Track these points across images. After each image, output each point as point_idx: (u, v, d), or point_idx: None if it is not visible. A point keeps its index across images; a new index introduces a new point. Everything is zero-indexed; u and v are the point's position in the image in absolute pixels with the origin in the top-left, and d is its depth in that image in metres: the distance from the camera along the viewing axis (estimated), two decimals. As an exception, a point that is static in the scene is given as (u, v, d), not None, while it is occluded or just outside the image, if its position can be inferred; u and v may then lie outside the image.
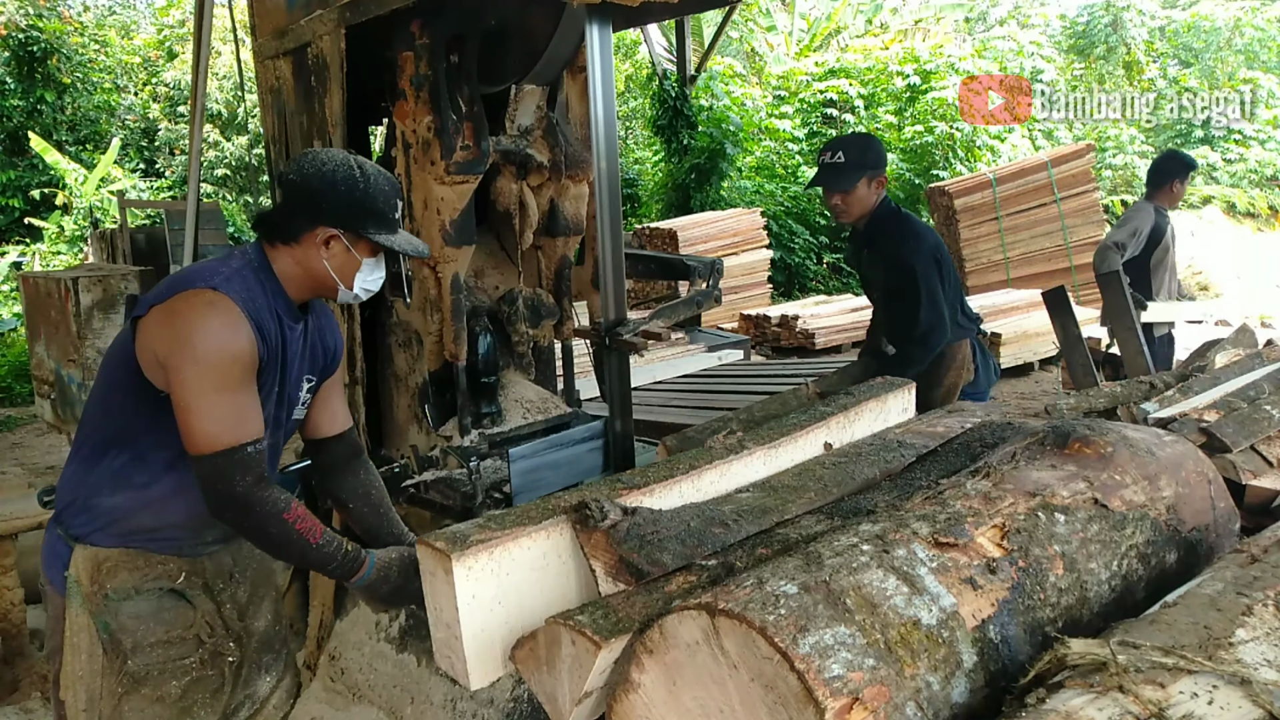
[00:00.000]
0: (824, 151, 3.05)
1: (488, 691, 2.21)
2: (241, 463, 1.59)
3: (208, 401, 1.58)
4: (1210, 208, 14.03)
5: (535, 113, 2.61)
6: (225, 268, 1.71)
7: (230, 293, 1.65)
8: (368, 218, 1.75)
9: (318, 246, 1.73)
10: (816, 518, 1.51)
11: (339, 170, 1.73)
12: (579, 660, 1.21)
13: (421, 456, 2.56)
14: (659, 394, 5.15)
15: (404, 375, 2.64)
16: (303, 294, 1.81)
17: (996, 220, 10.14)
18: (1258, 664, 1.09)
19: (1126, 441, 1.62)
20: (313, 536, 1.65)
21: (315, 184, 1.72)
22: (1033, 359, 7.80)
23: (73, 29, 13.99)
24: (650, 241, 9.61)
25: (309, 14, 2.47)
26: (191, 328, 1.60)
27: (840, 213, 3.06)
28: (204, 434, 1.58)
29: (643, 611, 1.23)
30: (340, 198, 1.72)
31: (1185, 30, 17.27)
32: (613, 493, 1.54)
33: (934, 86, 13.09)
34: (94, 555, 1.72)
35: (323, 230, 1.72)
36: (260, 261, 1.75)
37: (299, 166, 1.75)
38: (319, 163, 1.74)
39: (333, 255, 1.75)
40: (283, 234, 1.75)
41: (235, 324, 1.62)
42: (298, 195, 1.73)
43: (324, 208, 1.72)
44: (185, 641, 1.78)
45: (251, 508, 1.60)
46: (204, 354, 1.58)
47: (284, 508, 1.62)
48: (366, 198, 1.74)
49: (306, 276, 1.77)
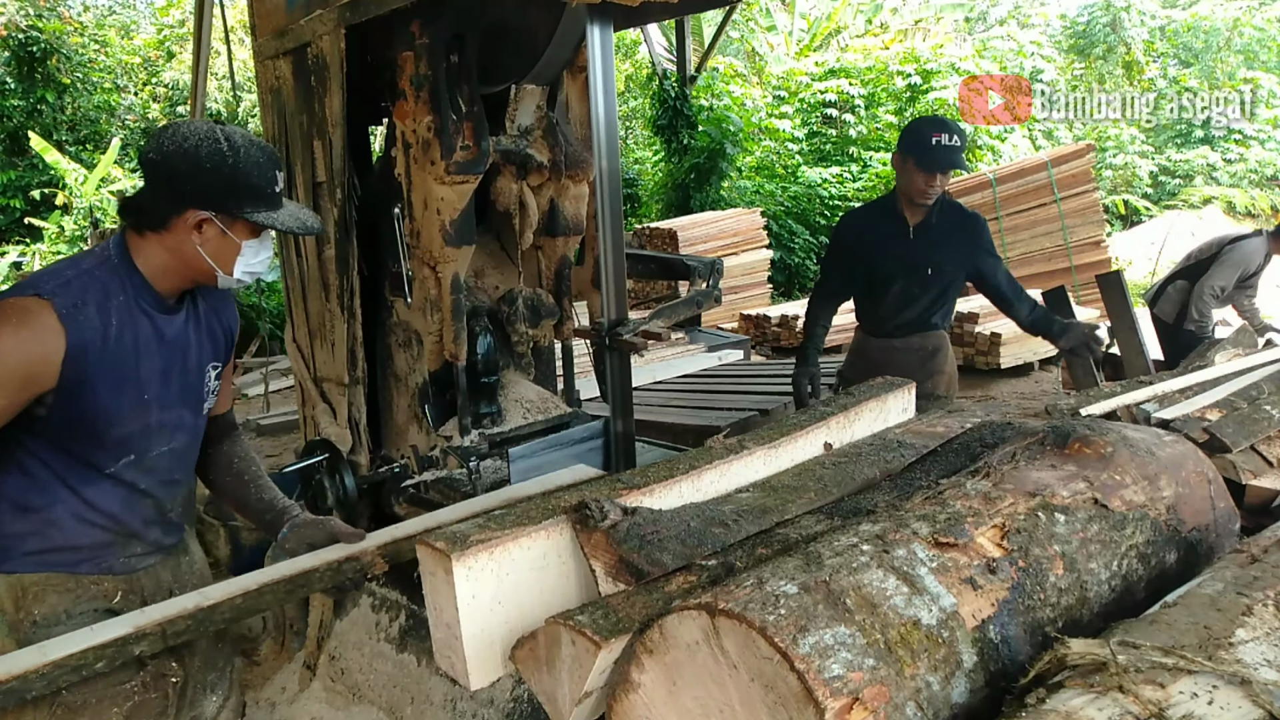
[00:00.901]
0: (936, 132, 3.06)
1: (488, 691, 2.21)
2: None
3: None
4: (1210, 208, 14.04)
5: (535, 113, 2.61)
6: (72, 269, 1.59)
7: (58, 299, 1.52)
8: (241, 196, 1.59)
9: (189, 231, 1.59)
10: (816, 518, 1.51)
11: (203, 145, 1.56)
12: (579, 660, 1.21)
13: (421, 456, 2.56)
14: (659, 394, 5.15)
15: (404, 375, 2.64)
16: (178, 283, 1.67)
17: (996, 220, 10.13)
18: (1258, 664, 1.09)
19: (1126, 441, 1.62)
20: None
21: (177, 163, 1.55)
22: (1033, 359, 7.80)
23: (73, 29, 13.99)
24: (650, 241, 9.61)
25: (309, 14, 2.47)
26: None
27: (934, 194, 3.10)
28: None
29: (643, 611, 1.23)
30: (207, 176, 1.56)
31: (1185, 30, 17.27)
32: (613, 493, 1.54)
33: (934, 86, 13.10)
34: (16, 582, 1.63)
35: (192, 214, 1.57)
36: (120, 256, 1.61)
37: (158, 144, 1.58)
38: (180, 138, 1.57)
39: (207, 240, 1.60)
40: (149, 220, 1.60)
41: (27, 334, 1.50)
42: (160, 176, 1.58)
43: (189, 189, 1.56)
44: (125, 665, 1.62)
45: None
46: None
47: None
48: (237, 173, 1.58)
49: (180, 265, 1.62)
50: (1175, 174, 15.80)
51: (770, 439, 1.84)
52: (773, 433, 1.89)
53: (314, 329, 2.75)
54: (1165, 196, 15.48)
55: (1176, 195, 15.21)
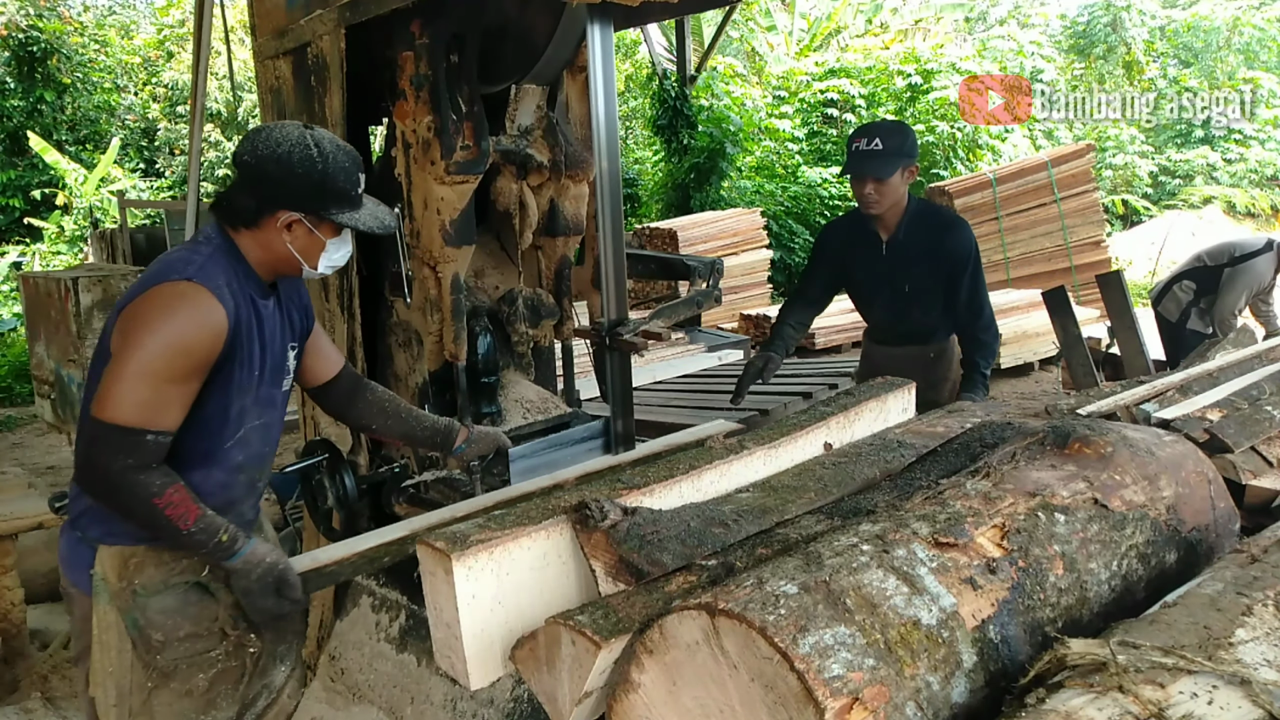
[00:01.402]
0: (857, 138, 2.92)
1: (488, 691, 2.21)
2: (132, 444, 1.56)
3: (138, 378, 1.56)
4: (1210, 207, 14.04)
5: (535, 113, 2.61)
6: (197, 256, 1.68)
7: (205, 282, 1.63)
8: (328, 199, 1.71)
9: (279, 230, 1.71)
10: (816, 518, 1.51)
11: (295, 151, 1.67)
12: (579, 660, 1.21)
13: (421, 456, 2.56)
14: (659, 394, 5.15)
15: (404, 375, 2.64)
16: (269, 274, 1.79)
17: (996, 220, 10.13)
18: (1258, 664, 1.09)
19: (1126, 441, 1.62)
20: (184, 524, 1.61)
21: (270, 168, 1.67)
22: (1033, 359, 7.81)
23: (73, 29, 14.00)
24: (650, 241, 9.61)
25: (309, 14, 2.47)
26: (156, 315, 1.59)
27: (872, 203, 2.93)
28: (115, 402, 1.55)
29: (643, 611, 1.23)
30: (299, 181, 1.68)
31: (1185, 30, 17.27)
32: (613, 492, 1.54)
33: (934, 86, 13.09)
34: (119, 553, 1.71)
35: (284, 215, 1.70)
36: (227, 245, 1.73)
37: (253, 147, 1.69)
38: (274, 143, 1.68)
39: (296, 238, 1.73)
40: (243, 218, 1.72)
41: (202, 316, 1.61)
42: (254, 179, 1.70)
43: (283, 192, 1.68)
44: (211, 635, 1.79)
45: (119, 488, 1.58)
46: (157, 339, 1.57)
47: (155, 493, 1.58)
48: (326, 178, 1.70)
49: (271, 258, 1.75)
50: (1175, 174, 15.80)
51: (770, 439, 1.84)
52: (773, 433, 1.89)
53: (314, 329, 2.75)
54: (1165, 196, 15.49)
55: (1176, 195, 15.21)
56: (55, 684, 3.19)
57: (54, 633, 3.54)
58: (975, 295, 2.98)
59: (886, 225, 3.02)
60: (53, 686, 3.18)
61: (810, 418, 1.98)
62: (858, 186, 2.93)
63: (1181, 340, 4.79)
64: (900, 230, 2.99)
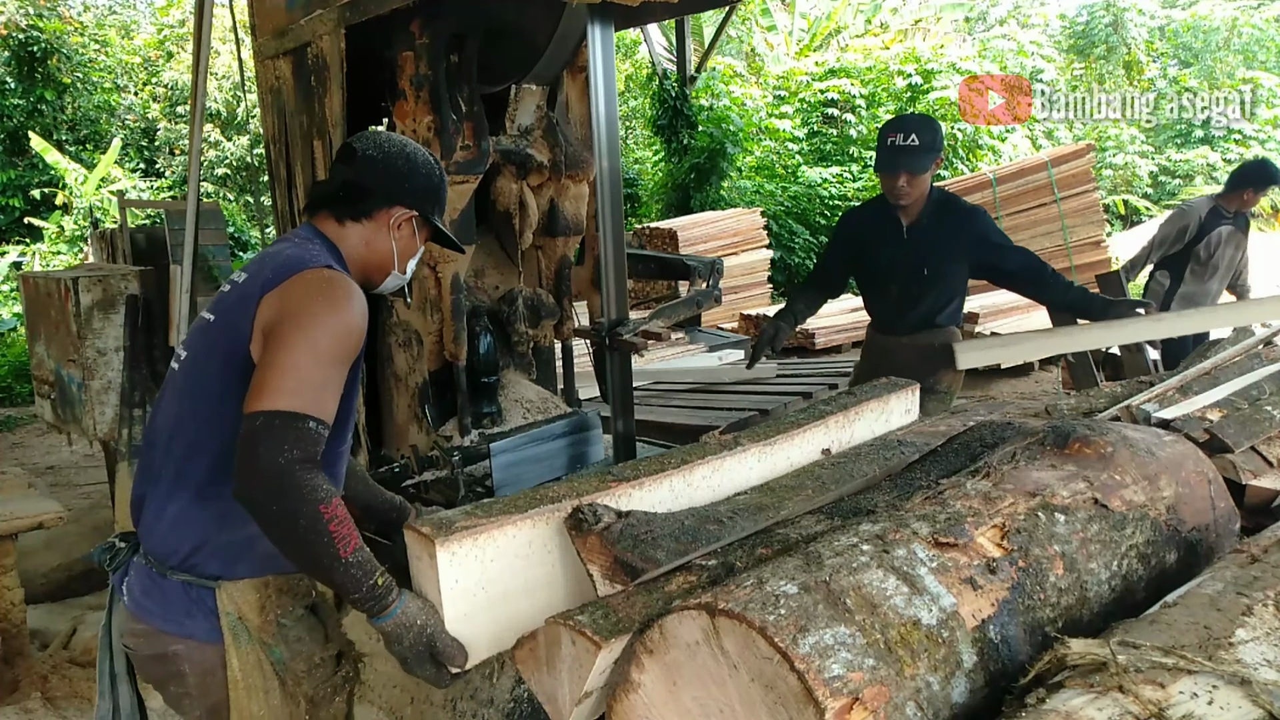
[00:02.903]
0: (891, 133, 3.02)
1: (488, 691, 2.21)
2: (299, 432, 1.37)
3: (301, 365, 1.42)
4: (1210, 208, 14.03)
5: (535, 113, 2.61)
6: (315, 250, 1.61)
7: (343, 270, 1.60)
8: (437, 204, 1.77)
9: (390, 227, 1.71)
10: (816, 517, 1.51)
11: (418, 154, 1.74)
12: (579, 660, 1.21)
13: (421, 456, 2.56)
14: (659, 394, 5.15)
15: (404, 375, 2.64)
16: (359, 277, 1.71)
17: (997, 220, 10.12)
18: (1258, 664, 1.09)
19: (1126, 441, 1.62)
20: (345, 548, 1.38)
21: (399, 163, 1.70)
22: (1033, 359, 7.79)
23: (73, 29, 13.99)
24: (650, 241, 9.61)
25: (309, 14, 2.47)
26: (314, 297, 1.49)
27: (903, 195, 3.04)
28: (277, 390, 1.38)
29: (642, 611, 1.23)
30: (422, 179, 1.72)
31: (1185, 30, 17.26)
32: (602, 484, 1.54)
33: (934, 86, 13.09)
34: (253, 586, 1.57)
35: (400, 210, 1.71)
36: (330, 245, 1.68)
37: (377, 144, 1.72)
38: (399, 143, 1.73)
39: (401, 236, 1.73)
40: (355, 210, 1.69)
41: (356, 301, 1.54)
42: (378, 172, 1.69)
43: (406, 188, 1.70)
44: (333, 658, 1.67)
45: (287, 486, 1.35)
46: (328, 323, 1.46)
47: (324, 498, 1.37)
48: (441, 184, 1.77)
49: (368, 256, 1.72)
50: (1175, 174, 15.80)
51: (765, 436, 1.84)
52: (768, 430, 1.88)
53: (314, 329, 2.74)
54: (1165, 196, 15.49)
55: (1176, 195, 15.21)
56: (55, 684, 3.19)
57: (54, 633, 3.54)
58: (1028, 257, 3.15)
59: (909, 213, 3.13)
60: (53, 686, 3.18)
61: (808, 416, 1.98)
62: (890, 180, 3.03)
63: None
64: (924, 216, 3.11)
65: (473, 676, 2.27)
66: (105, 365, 3.73)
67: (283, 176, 2.76)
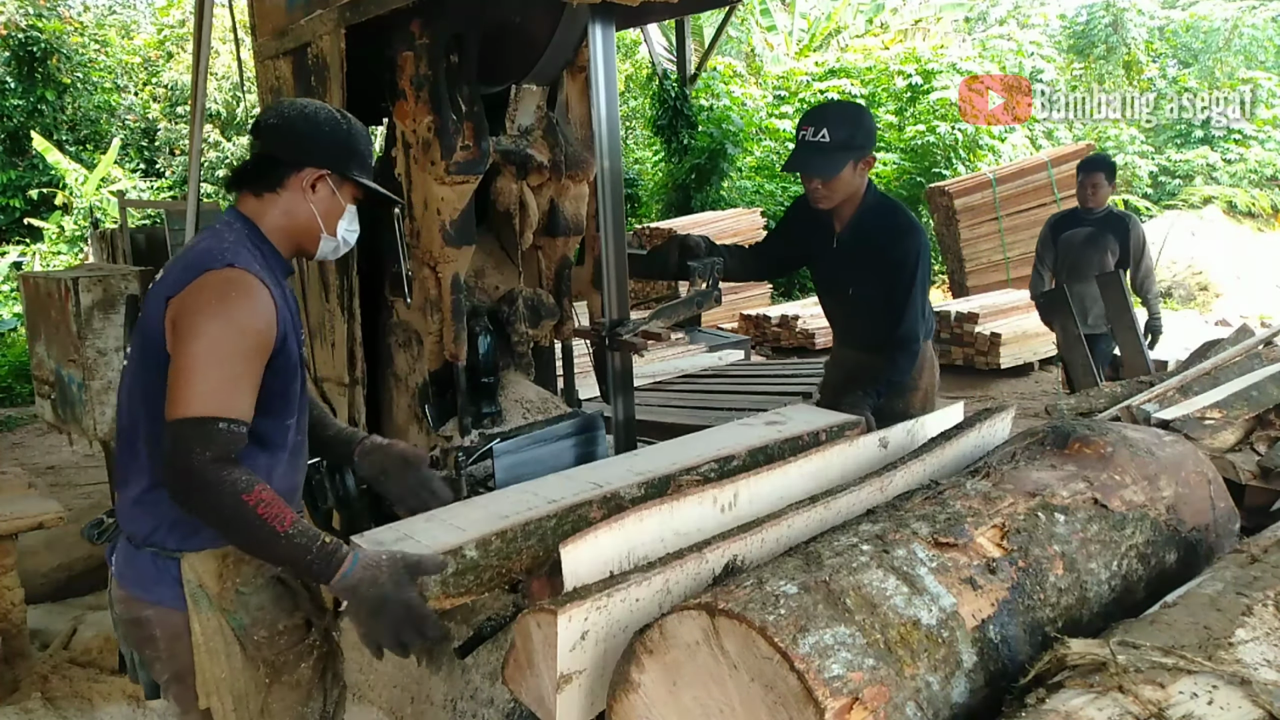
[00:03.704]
0: (804, 125, 2.60)
1: (488, 691, 2.21)
2: (207, 435, 1.47)
3: (206, 370, 1.51)
4: (1210, 208, 14.03)
5: (535, 113, 2.61)
6: (226, 243, 1.64)
7: (246, 267, 1.60)
8: (352, 158, 1.75)
9: (304, 190, 1.71)
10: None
11: (321, 112, 1.74)
12: (548, 641, 1.21)
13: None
14: (659, 394, 5.16)
15: (404, 375, 2.64)
16: (289, 248, 1.77)
17: (996, 220, 10.13)
18: (1258, 664, 1.09)
19: (1126, 441, 1.62)
20: (280, 524, 1.48)
21: (300, 125, 1.71)
22: (1033, 359, 7.80)
23: (73, 29, 13.98)
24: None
25: (309, 14, 2.47)
26: (209, 302, 1.55)
27: (820, 199, 2.66)
28: (185, 399, 1.48)
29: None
30: (326, 137, 1.71)
31: (1184, 30, 17.25)
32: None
33: (935, 86, 13.09)
34: (212, 556, 1.65)
35: (309, 171, 1.71)
36: (249, 227, 1.71)
37: (279, 111, 1.75)
38: (299, 106, 1.74)
39: (319, 199, 1.73)
40: (266, 182, 1.71)
41: (255, 300, 1.58)
42: (281, 138, 1.71)
43: (310, 147, 1.70)
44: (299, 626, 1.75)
45: (206, 485, 1.46)
46: (223, 326, 1.53)
47: (244, 489, 1.47)
48: (350, 138, 1.74)
49: (291, 226, 1.74)
50: (1175, 174, 15.78)
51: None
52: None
53: (314, 329, 2.75)
54: (1165, 196, 15.47)
55: (1176, 195, 15.19)
56: (55, 684, 3.19)
57: (54, 633, 3.54)
58: (902, 306, 2.65)
59: (841, 218, 2.76)
60: (53, 686, 3.17)
61: None
62: (805, 180, 2.67)
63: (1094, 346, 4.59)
64: (852, 226, 2.73)
65: (473, 676, 2.27)
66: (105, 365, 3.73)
67: (283, 176, 2.76)
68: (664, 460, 2.07)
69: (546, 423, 2.55)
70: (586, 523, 1.82)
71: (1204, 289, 11.64)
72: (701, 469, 2.04)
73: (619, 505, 1.88)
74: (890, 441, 2.06)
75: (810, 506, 1.55)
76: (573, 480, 1.99)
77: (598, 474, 2.01)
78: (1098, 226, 4.74)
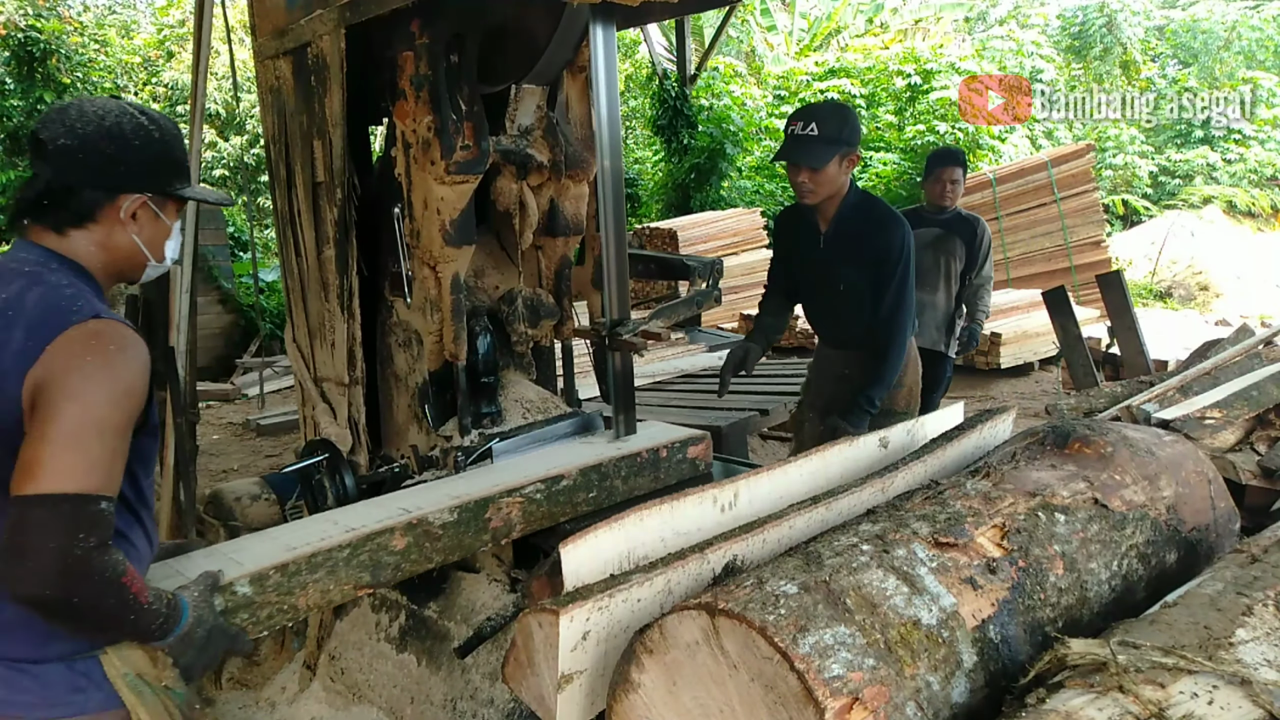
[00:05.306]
0: (793, 120, 2.68)
1: (488, 691, 2.21)
2: (92, 518, 1.25)
3: (81, 439, 1.26)
4: (1210, 207, 14.04)
5: (535, 113, 2.61)
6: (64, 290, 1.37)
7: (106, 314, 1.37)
8: (173, 172, 1.48)
9: (122, 222, 1.43)
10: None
11: (125, 122, 1.43)
12: (549, 641, 1.22)
13: (422, 456, 2.56)
14: (659, 394, 5.16)
15: (404, 375, 2.64)
16: (110, 280, 1.49)
17: (996, 220, 10.14)
18: (1258, 664, 1.09)
19: (1126, 441, 1.62)
20: (144, 596, 1.34)
21: (104, 146, 1.40)
22: (1033, 359, 7.80)
23: (72, 29, 13.97)
24: (650, 241, 9.61)
25: (309, 14, 2.47)
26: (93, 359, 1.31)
27: (806, 192, 2.71)
28: (60, 469, 1.23)
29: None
30: (138, 154, 1.43)
31: (1184, 30, 17.26)
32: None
33: (934, 86, 13.10)
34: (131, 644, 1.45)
35: (126, 200, 1.43)
36: (63, 263, 1.41)
37: (69, 127, 1.40)
38: (95, 117, 1.41)
39: (141, 227, 1.46)
40: (68, 216, 1.41)
41: (137, 357, 1.37)
42: (81, 164, 1.39)
43: (121, 172, 1.42)
44: None
45: (89, 574, 1.25)
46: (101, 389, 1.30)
47: (122, 570, 1.29)
48: (166, 149, 1.47)
49: (110, 260, 1.46)
50: (1175, 174, 15.79)
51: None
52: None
53: (314, 329, 2.75)
54: (1165, 196, 15.48)
55: (1176, 195, 15.21)
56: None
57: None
58: (892, 296, 2.71)
59: (825, 216, 2.81)
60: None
61: None
62: (792, 174, 2.73)
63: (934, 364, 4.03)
64: (838, 222, 2.79)
65: (473, 676, 2.27)
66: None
67: (282, 177, 2.76)
68: (486, 482, 2.08)
69: (546, 423, 2.55)
70: (386, 551, 1.83)
71: (1204, 289, 11.66)
72: (526, 489, 2.06)
73: (426, 530, 1.90)
74: (890, 442, 2.06)
75: (812, 507, 1.55)
76: (381, 507, 1.97)
77: (409, 500, 2.00)
78: (945, 228, 4.10)
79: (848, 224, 2.78)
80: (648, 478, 2.39)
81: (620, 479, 2.32)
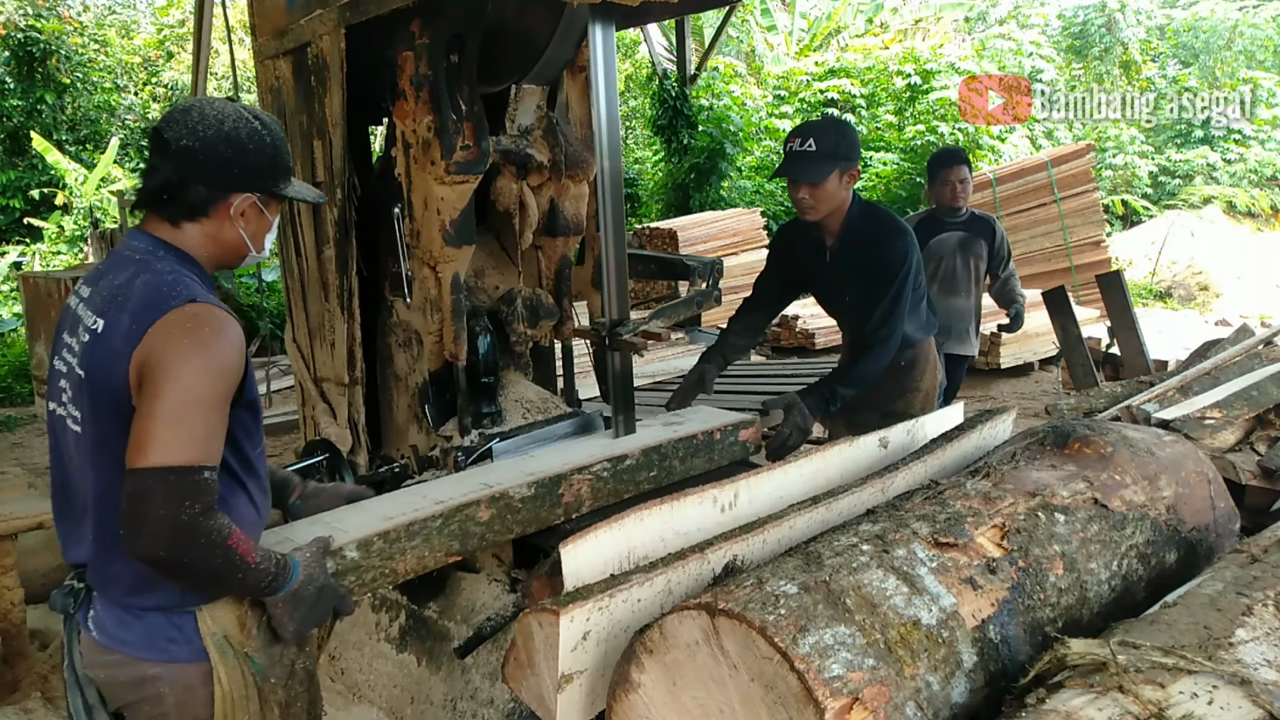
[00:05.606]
0: (792, 137, 2.71)
1: (488, 691, 2.21)
2: (196, 486, 1.39)
3: (183, 415, 1.40)
4: (1210, 207, 14.04)
5: (535, 113, 2.62)
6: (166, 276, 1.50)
7: (203, 298, 1.49)
8: (280, 173, 1.62)
9: (232, 218, 1.57)
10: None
11: (241, 127, 1.55)
12: (549, 641, 1.22)
13: (421, 456, 2.56)
14: (659, 394, 5.15)
15: (404, 375, 2.64)
16: (212, 268, 1.64)
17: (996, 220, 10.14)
18: (1258, 664, 1.09)
19: (1126, 441, 1.62)
20: (251, 556, 1.47)
21: (222, 149, 1.53)
22: (1033, 359, 7.80)
23: (72, 29, 13.98)
24: (650, 241, 9.61)
25: (309, 14, 2.47)
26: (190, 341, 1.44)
27: (807, 208, 2.71)
28: (165, 443, 1.37)
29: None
30: (253, 157, 1.56)
31: (1185, 30, 17.26)
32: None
33: (934, 86, 13.09)
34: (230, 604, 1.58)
35: (239, 198, 1.56)
36: (171, 251, 1.55)
37: (190, 129, 1.53)
38: (215, 120, 1.54)
39: (248, 222, 1.60)
40: (186, 211, 1.55)
41: (232, 337, 1.48)
42: (201, 165, 1.53)
43: (238, 173, 1.55)
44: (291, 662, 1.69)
45: (196, 537, 1.39)
46: (199, 368, 1.42)
47: (227, 534, 1.43)
48: (276, 152, 1.60)
49: (219, 250, 1.61)
50: (1175, 174, 15.79)
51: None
52: None
53: (314, 329, 2.75)
54: (1165, 196, 15.48)
55: (1176, 195, 15.20)
56: (55, 684, 3.19)
57: (54, 633, 3.53)
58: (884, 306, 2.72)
59: (830, 230, 2.82)
60: (53, 686, 3.17)
61: None
62: (793, 190, 2.74)
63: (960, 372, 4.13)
64: (842, 236, 2.80)
65: (473, 676, 2.27)
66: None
67: (283, 176, 2.76)
68: (557, 460, 2.18)
69: (546, 423, 2.55)
70: (473, 521, 1.93)
71: (1204, 289, 11.65)
72: (594, 468, 2.17)
73: (508, 504, 1.99)
74: (890, 442, 2.06)
75: (812, 507, 1.55)
76: (464, 482, 2.06)
77: (489, 475, 2.09)
78: (967, 230, 4.04)
79: (853, 237, 2.78)
80: (703, 459, 2.47)
81: (678, 459, 2.41)
